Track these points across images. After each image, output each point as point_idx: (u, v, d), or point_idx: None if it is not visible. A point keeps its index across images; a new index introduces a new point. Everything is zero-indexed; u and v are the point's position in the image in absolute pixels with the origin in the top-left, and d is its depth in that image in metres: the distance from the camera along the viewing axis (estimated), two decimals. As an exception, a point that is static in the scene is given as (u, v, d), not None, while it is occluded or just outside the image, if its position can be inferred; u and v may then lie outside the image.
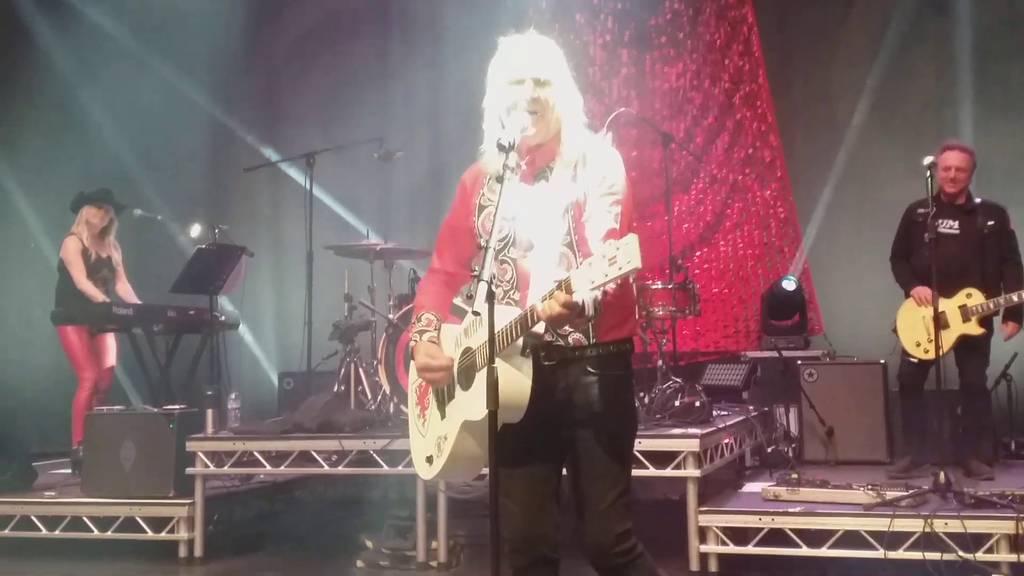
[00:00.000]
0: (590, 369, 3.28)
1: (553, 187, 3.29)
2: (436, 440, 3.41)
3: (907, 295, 6.83)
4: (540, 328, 3.10)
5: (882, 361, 7.51)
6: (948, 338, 6.51)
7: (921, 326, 6.61)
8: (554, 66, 3.31)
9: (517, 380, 3.11)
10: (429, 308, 3.52)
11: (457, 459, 3.30)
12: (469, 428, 3.23)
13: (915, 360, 6.69)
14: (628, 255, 2.75)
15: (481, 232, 3.34)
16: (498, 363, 3.00)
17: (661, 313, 6.79)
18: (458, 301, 6.91)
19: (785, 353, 8.00)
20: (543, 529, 3.33)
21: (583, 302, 2.87)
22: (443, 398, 3.42)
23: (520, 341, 3.11)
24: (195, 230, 8.42)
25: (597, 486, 3.28)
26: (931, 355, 6.34)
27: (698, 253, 9.61)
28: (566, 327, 3.21)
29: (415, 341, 3.44)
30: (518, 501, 3.31)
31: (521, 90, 3.26)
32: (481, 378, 3.11)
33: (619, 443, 3.35)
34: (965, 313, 6.54)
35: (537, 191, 3.30)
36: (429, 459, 3.44)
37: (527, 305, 3.07)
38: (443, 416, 3.40)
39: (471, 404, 3.21)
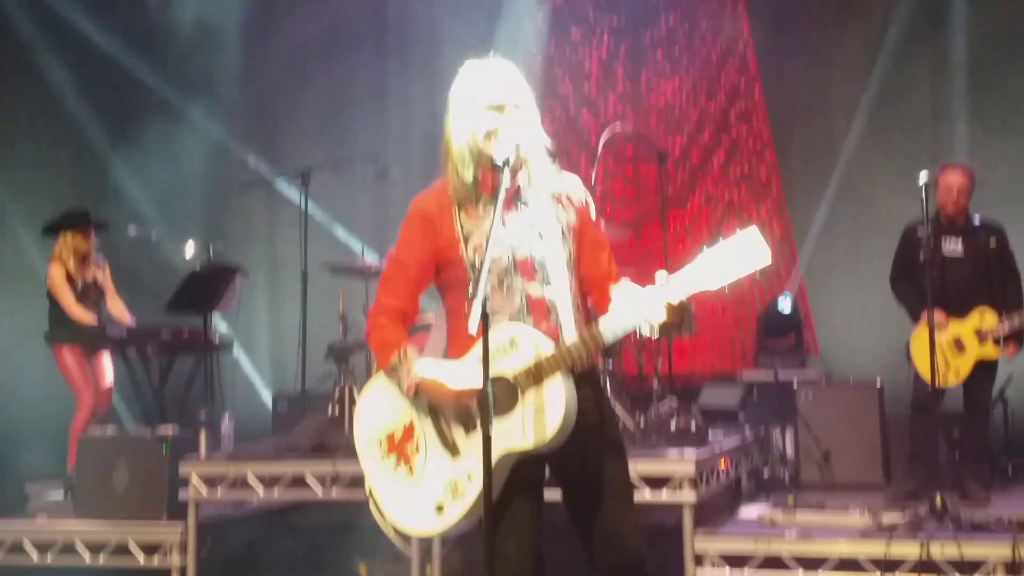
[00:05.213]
0: (591, 389, 3.24)
1: (536, 212, 3.27)
2: (449, 483, 3.17)
3: (914, 319, 6.65)
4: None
5: (878, 383, 7.47)
6: (967, 362, 6.45)
7: (938, 352, 6.43)
8: (527, 92, 3.30)
9: (573, 402, 3.08)
10: (408, 342, 3.24)
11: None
12: (509, 459, 3.08)
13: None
14: (758, 249, 2.88)
15: (477, 263, 3.17)
16: (561, 383, 3.04)
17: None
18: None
19: (781, 374, 7.92)
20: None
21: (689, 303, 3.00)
22: (450, 436, 3.21)
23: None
24: (189, 248, 8.34)
25: (629, 506, 3.26)
26: (950, 381, 6.32)
27: (694, 272, 9.54)
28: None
29: (415, 379, 3.16)
30: (524, 545, 3.14)
31: (502, 116, 3.23)
32: (528, 403, 3.06)
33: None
34: (982, 336, 6.50)
35: (520, 216, 3.27)
36: (439, 508, 3.18)
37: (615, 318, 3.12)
38: (457, 454, 3.19)
39: (520, 429, 3.06)
